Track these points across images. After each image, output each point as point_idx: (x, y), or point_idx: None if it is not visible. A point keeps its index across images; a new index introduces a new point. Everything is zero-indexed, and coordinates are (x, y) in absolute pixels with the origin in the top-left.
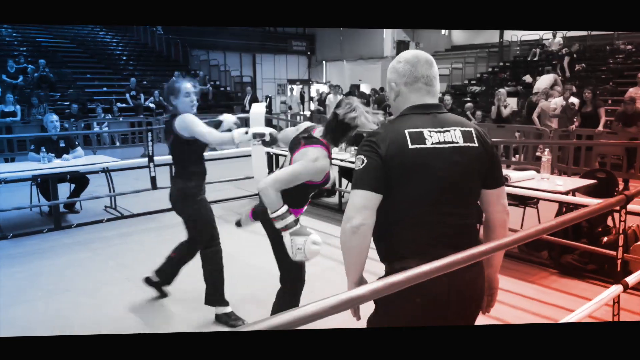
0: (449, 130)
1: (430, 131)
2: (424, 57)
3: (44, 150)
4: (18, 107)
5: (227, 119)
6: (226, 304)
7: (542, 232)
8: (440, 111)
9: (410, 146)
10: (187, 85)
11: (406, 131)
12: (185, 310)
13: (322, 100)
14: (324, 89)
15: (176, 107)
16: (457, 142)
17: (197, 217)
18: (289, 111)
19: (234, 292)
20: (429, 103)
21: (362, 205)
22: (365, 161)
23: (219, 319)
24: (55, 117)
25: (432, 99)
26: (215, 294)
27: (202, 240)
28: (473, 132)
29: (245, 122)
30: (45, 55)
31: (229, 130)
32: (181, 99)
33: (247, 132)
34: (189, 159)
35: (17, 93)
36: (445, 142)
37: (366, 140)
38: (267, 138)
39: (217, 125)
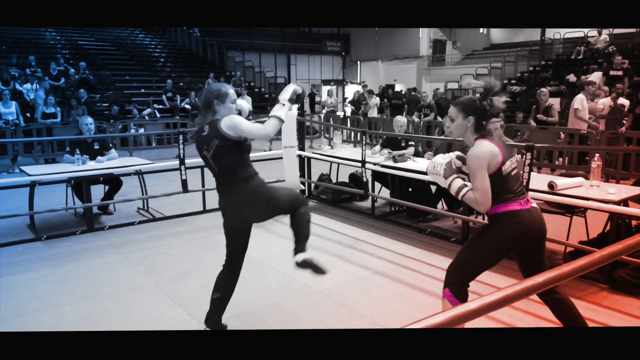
0: None
1: None
2: None
3: (78, 152)
4: (58, 108)
5: (243, 105)
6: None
7: (620, 254)
8: None
9: None
10: (232, 92)
11: None
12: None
13: (354, 101)
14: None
15: (218, 113)
16: None
17: (271, 195)
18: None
19: (256, 301)
20: None
21: None
22: None
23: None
24: (90, 120)
25: None
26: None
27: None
28: None
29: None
30: (86, 57)
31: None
32: (227, 105)
33: (283, 104)
34: (241, 164)
35: (59, 95)
36: None
37: None
38: (300, 91)
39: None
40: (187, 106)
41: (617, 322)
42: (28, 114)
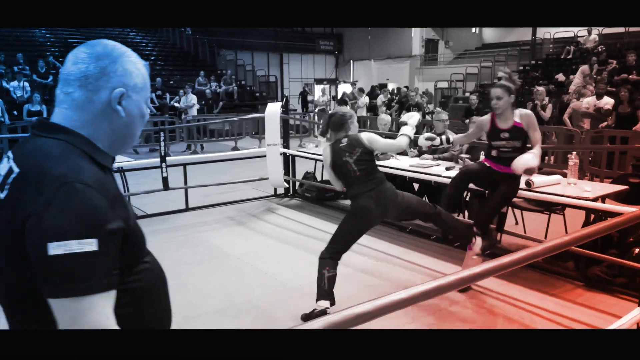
0: None
1: None
2: None
3: None
4: (44, 106)
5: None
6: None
7: (567, 245)
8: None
9: None
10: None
11: None
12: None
13: (342, 100)
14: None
15: (350, 129)
16: None
17: None
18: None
19: (232, 297)
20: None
21: None
22: None
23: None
24: None
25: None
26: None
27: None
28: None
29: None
30: None
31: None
32: (355, 123)
33: (412, 128)
34: (376, 169)
35: (47, 93)
36: None
37: None
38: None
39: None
40: (177, 104)
41: (589, 318)
42: (15, 112)
